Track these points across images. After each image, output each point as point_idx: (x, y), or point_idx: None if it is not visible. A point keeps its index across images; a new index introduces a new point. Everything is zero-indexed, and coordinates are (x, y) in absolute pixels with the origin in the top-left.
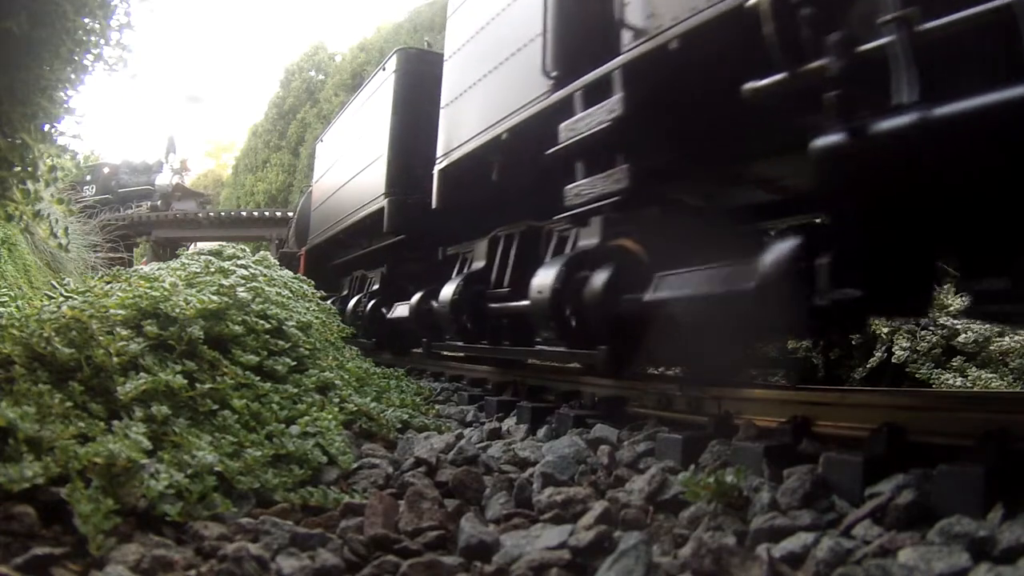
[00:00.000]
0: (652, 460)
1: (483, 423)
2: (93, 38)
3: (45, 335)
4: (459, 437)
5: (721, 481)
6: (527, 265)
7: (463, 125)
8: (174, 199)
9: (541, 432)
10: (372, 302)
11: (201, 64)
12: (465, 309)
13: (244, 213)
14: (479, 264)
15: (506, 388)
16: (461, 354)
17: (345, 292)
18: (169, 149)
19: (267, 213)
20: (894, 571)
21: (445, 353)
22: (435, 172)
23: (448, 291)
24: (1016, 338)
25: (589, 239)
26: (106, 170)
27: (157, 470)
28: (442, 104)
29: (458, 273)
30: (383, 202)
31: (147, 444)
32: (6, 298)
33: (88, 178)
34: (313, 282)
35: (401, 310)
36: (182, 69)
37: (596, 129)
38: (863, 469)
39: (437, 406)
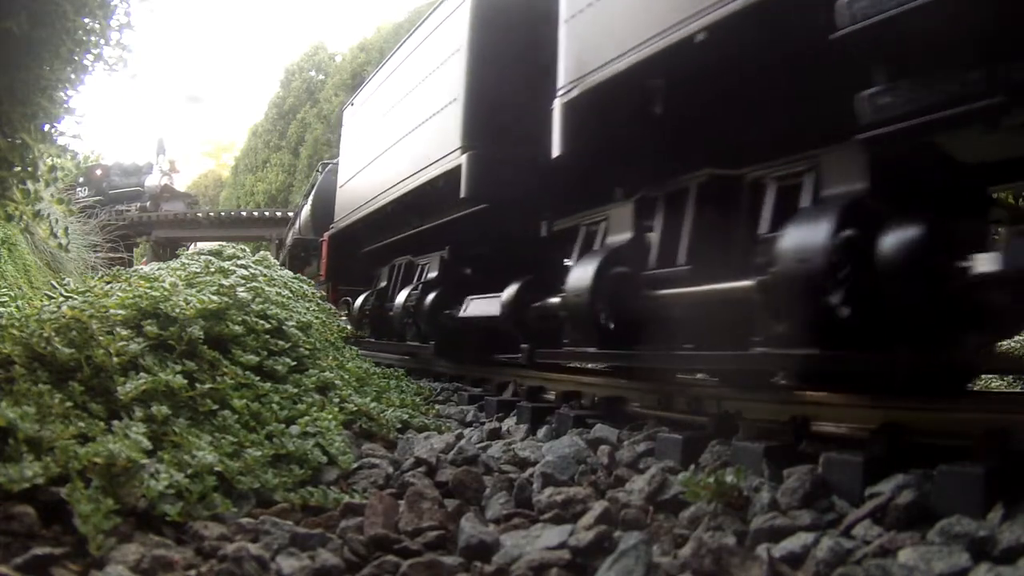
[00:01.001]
0: (652, 460)
1: (483, 423)
2: (93, 38)
3: (45, 335)
4: (459, 437)
5: (721, 481)
6: (720, 230)
7: (609, 35)
8: (162, 200)
9: (541, 432)
10: (431, 296)
11: (201, 64)
12: (606, 302)
13: (244, 213)
14: (619, 237)
15: (506, 388)
16: (596, 364)
17: (384, 284)
18: (159, 150)
19: (267, 213)
20: (894, 571)
21: (563, 363)
22: (556, 106)
23: (581, 277)
24: (1017, 338)
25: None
26: (99, 172)
27: (157, 470)
28: (566, 15)
29: (585, 252)
30: (458, 159)
31: (147, 444)
32: (6, 298)
33: (81, 180)
34: (312, 281)
35: (482, 307)
36: (182, 69)
37: None
38: (863, 469)
39: (437, 406)
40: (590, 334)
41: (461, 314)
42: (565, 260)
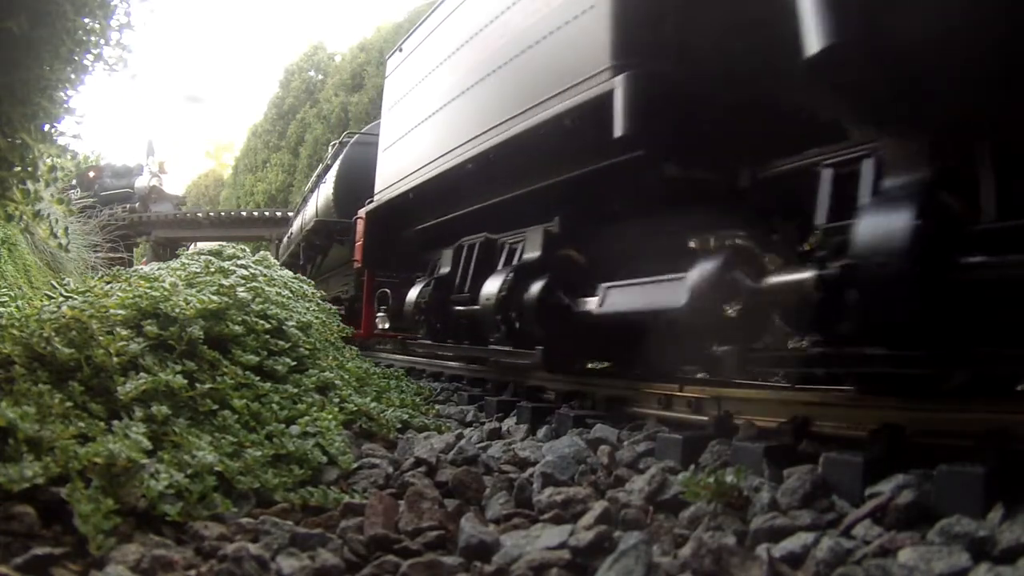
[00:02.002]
0: (652, 460)
1: (483, 423)
2: (93, 38)
3: (45, 335)
4: (459, 437)
5: (721, 481)
6: None
7: None
8: (150, 201)
9: (541, 432)
10: (536, 285)
11: (201, 64)
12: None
13: (244, 213)
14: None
15: (505, 388)
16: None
17: (446, 270)
18: (148, 152)
19: (267, 213)
20: (894, 571)
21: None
22: None
23: (898, 229)
24: None
25: None
26: (91, 174)
27: (157, 470)
28: None
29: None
30: (605, 84)
31: (147, 444)
32: (6, 298)
33: (73, 182)
34: (312, 281)
35: (643, 297)
36: (182, 69)
37: None
38: (863, 469)
39: (437, 406)
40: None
41: (595, 309)
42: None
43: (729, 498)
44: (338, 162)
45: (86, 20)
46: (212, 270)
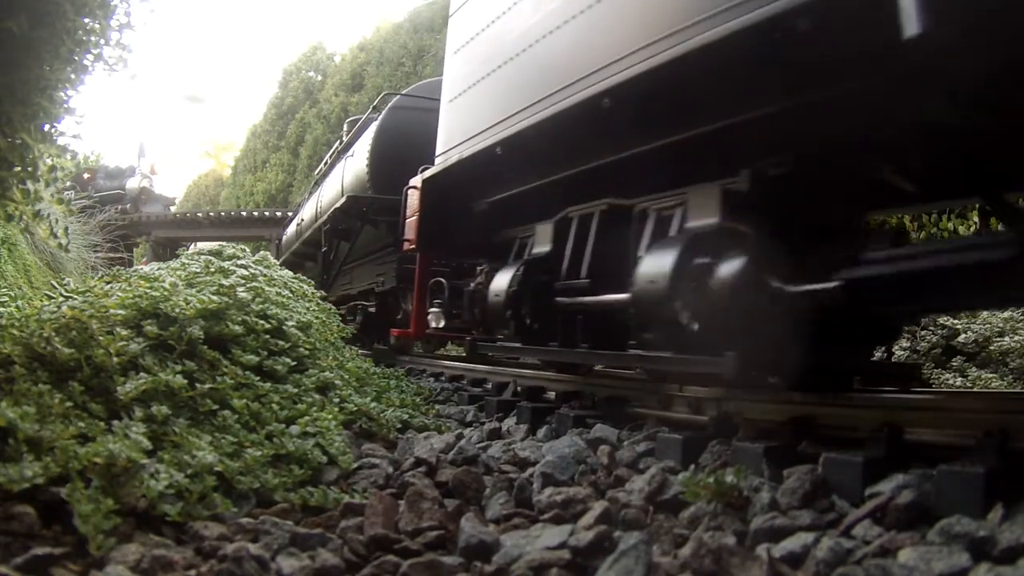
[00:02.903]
0: (652, 460)
1: (483, 423)
2: (93, 38)
3: (45, 335)
4: (459, 437)
5: (721, 481)
6: None
7: None
8: (141, 202)
9: (541, 432)
10: (735, 264)
11: (201, 64)
12: None
13: (244, 213)
14: None
15: (505, 388)
16: None
17: (543, 250)
18: (140, 153)
19: (267, 213)
20: (894, 571)
21: None
22: None
23: None
24: (1016, 338)
25: None
26: (86, 175)
27: (157, 470)
28: None
29: None
30: None
31: (147, 444)
32: (6, 298)
33: (68, 183)
34: (312, 281)
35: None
36: (182, 69)
37: None
38: (863, 469)
39: (437, 406)
40: None
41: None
42: None
43: (729, 498)
44: (373, 129)
45: (86, 20)
46: (212, 270)
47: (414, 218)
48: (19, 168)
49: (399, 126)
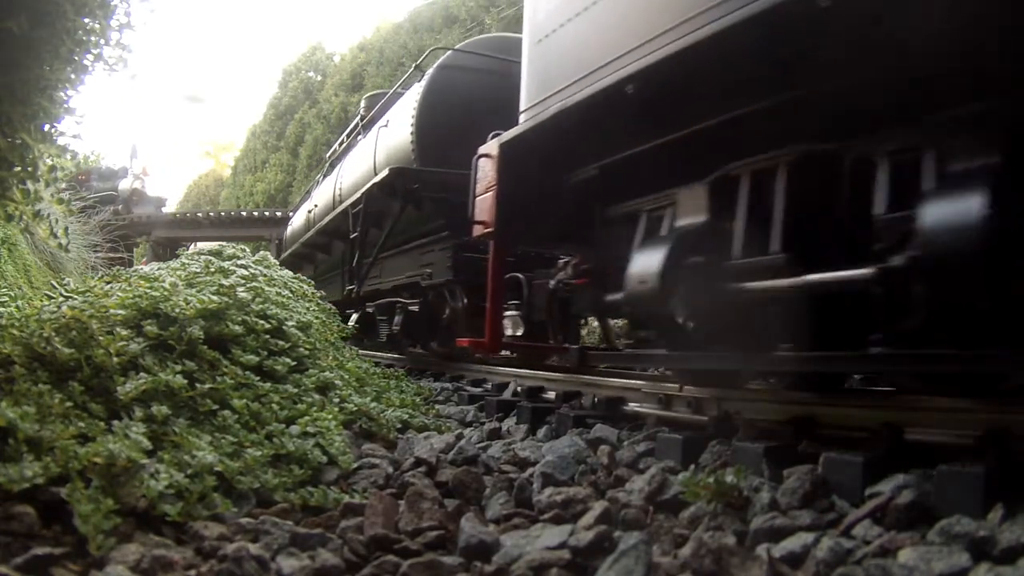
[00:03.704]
0: (652, 460)
1: (483, 423)
2: (93, 38)
3: (45, 335)
4: (459, 437)
5: (721, 481)
6: None
7: None
8: (132, 204)
9: (541, 432)
10: None
11: (201, 64)
12: None
13: (244, 213)
14: None
15: (505, 388)
16: None
17: (697, 220)
18: (132, 155)
19: (267, 213)
20: (894, 571)
21: None
22: None
23: None
24: None
25: None
26: (81, 177)
27: (157, 470)
28: None
29: None
30: None
31: (147, 444)
32: (6, 298)
33: (64, 185)
34: (313, 281)
35: None
36: (182, 69)
37: None
38: (863, 469)
39: (437, 406)
40: None
41: None
42: None
43: (729, 498)
44: (419, 91)
45: (86, 20)
46: (212, 270)
47: (489, 194)
48: (19, 168)
49: (450, 87)
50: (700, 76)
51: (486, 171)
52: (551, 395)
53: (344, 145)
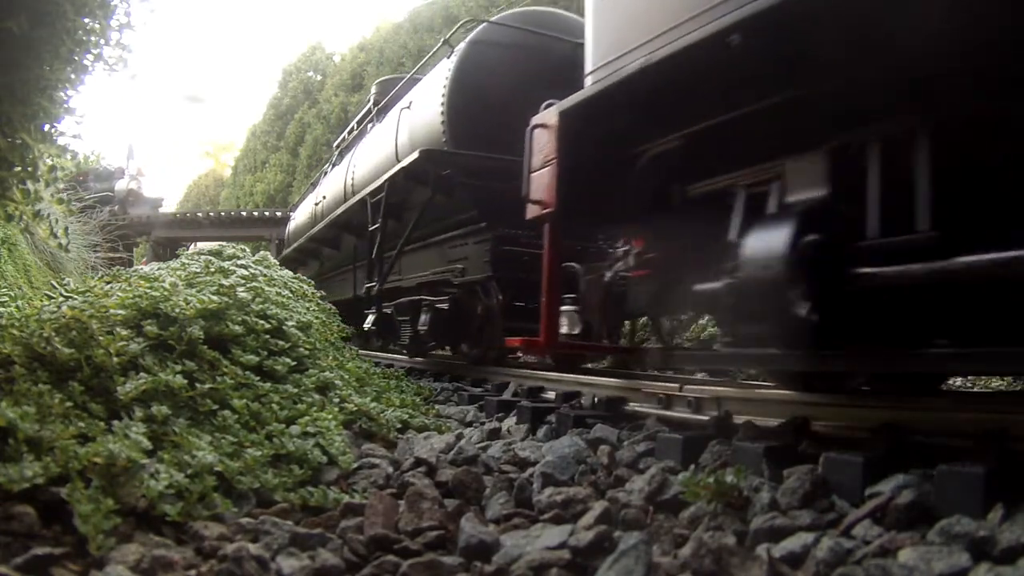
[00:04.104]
0: (652, 460)
1: (483, 423)
2: (93, 38)
3: (45, 335)
4: (459, 437)
5: (721, 481)
6: None
7: None
8: (128, 204)
9: (541, 432)
10: None
11: (201, 64)
12: None
13: (244, 213)
14: None
15: (505, 388)
16: None
17: (817, 195)
18: (128, 156)
19: (267, 213)
20: (894, 571)
21: None
22: None
23: None
24: None
25: None
26: (80, 178)
27: (157, 470)
28: None
29: None
30: None
31: (147, 444)
32: (6, 298)
33: (62, 186)
34: (313, 281)
35: None
36: (182, 69)
37: None
38: (863, 469)
39: (437, 406)
40: None
41: None
42: None
43: (729, 498)
44: (450, 67)
45: (86, 20)
46: (212, 270)
47: (547, 169)
48: (19, 168)
49: (483, 63)
50: (832, 23)
51: (543, 143)
52: (551, 395)
53: (355, 134)
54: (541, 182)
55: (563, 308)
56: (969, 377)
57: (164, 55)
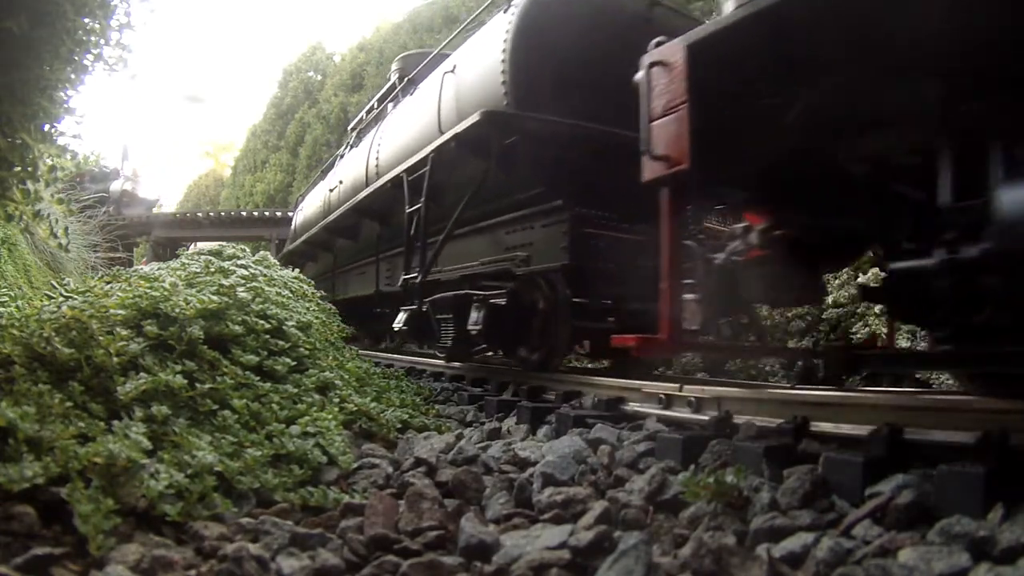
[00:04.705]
0: (652, 460)
1: (483, 423)
2: (93, 38)
3: (45, 335)
4: (459, 437)
5: (721, 481)
6: None
7: None
8: (123, 205)
9: (541, 432)
10: None
11: (201, 64)
12: None
13: (244, 213)
14: None
15: (506, 388)
16: None
17: None
18: (124, 157)
19: (267, 213)
20: (894, 571)
21: None
22: None
23: None
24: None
25: None
26: (77, 179)
27: (157, 470)
28: None
29: None
30: None
31: (147, 444)
32: (6, 298)
33: (60, 187)
34: (312, 281)
35: None
36: (182, 69)
37: None
38: (863, 469)
39: (437, 406)
40: None
41: None
42: None
43: (729, 498)
44: (511, 19)
45: (86, 20)
46: (212, 270)
47: (674, 117)
48: (19, 168)
49: (551, 15)
50: None
51: (665, 85)
52: (551, 395)
53: (375, 113)
54: (665, 133)
55: (688, 297)
56: None
57: (164, 55)
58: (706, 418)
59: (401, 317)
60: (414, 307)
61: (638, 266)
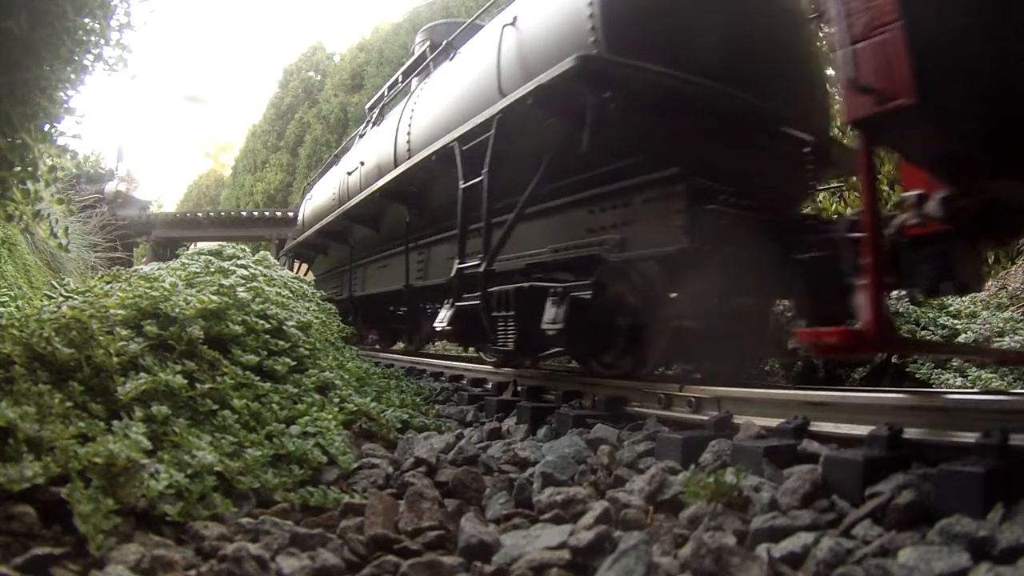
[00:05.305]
0: (652, 460)
1: (483, 423)
2: (93, 38)
3: (45, 335)
4: (459, 437)
5: (721, 481)
6: None
7: None
8: (117, 206)
9: (541, 432)
10: None
11: (201, 64)
12: None
13: (244, 213)
14: None
15: (506, 388)
16: None
17: None
18: (118, 158)
19: (267, 213)
20: (894, 571)
21: None
22: None
23: None
24: (1016, 338)
25: None
26: (73, 181)
27: (157, 470)
28: None
29: None
30: None
31: (147, 444)
32: (6, 298)
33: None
34: (311, 280)
35: None
36: (182, 69)
37: None
38: (863, 469)
39: (437, 406)
40: None
41: None
42: None
43: (729, 498)
44: None
45: (86, 20)
46: (212, 270)
47: (883, 38)
48: (19, 168)
49: None
50: None
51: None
52: (551, 395)
53: (399, 88)
54: (874, 57)
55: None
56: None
57: (164, 55)
58: (706, 418)
59: (444, 315)
60: (476, 301)
61: (762, 253)
